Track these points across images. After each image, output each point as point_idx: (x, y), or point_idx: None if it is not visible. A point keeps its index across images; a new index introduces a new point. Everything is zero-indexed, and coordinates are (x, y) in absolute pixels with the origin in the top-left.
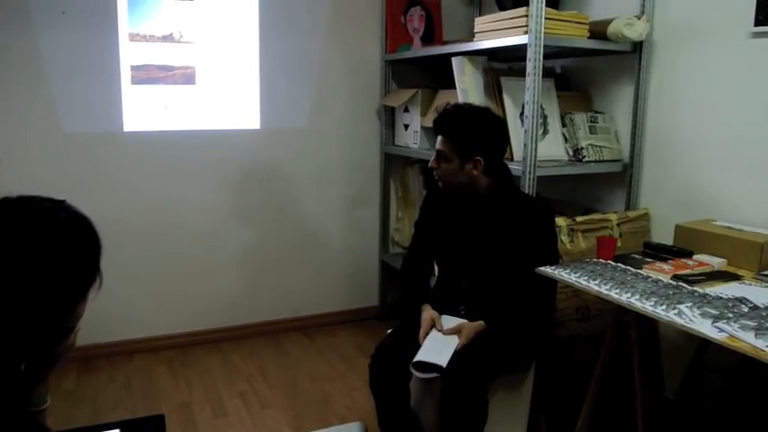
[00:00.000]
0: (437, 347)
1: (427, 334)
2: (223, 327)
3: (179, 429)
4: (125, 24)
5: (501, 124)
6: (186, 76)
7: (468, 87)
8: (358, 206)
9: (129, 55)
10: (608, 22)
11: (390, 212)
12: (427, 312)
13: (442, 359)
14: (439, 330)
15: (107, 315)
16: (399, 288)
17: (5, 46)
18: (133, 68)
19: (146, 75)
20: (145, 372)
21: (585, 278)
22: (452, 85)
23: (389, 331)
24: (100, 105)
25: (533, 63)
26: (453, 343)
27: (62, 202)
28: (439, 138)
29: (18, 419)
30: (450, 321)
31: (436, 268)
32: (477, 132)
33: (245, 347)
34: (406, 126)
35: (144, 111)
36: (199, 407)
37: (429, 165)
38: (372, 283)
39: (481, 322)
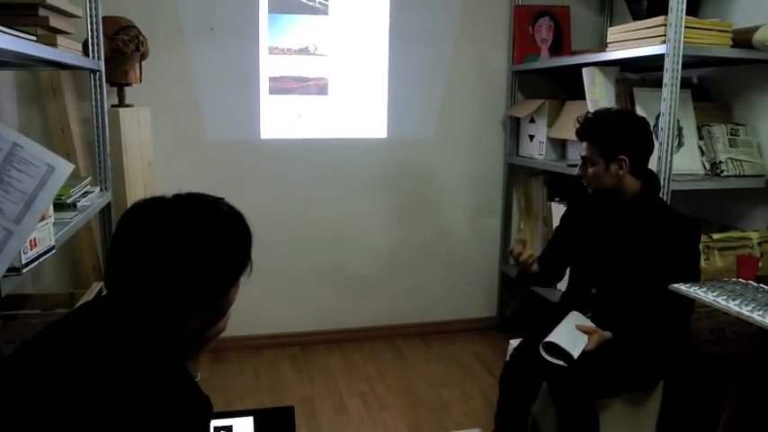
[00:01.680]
0: (571, 336)
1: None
2: (345, 328)
3: (302, 422)
4: (266, 38)
5: (642, 123)
6: (319, 87)
7: (598, 98)
8: (481, 216)
9: (268, 67)
10: (753, 29)
11: (512, 223)
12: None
13: (575, 350)
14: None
15: (237, 311)
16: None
17: (160, 58)
18: (271, 80)
19: (282, 85)
20: (271, 366)
21: (724, 298)
22: (580, 96)
23: (517, 342)
24: (241, 114)
25: (671, 73)
26: (585, 341)
27: (221, 199)
28: (583, 144)
29: (183, 381)
30: (580, 320)
31: (567, 276)
32: (618, 131)
33: (365, 349)
34: (532, 137)
35: (279, 119)
36: (321, 402)
37: (577, 173)
38: (492, 293)
39: (609, 333)
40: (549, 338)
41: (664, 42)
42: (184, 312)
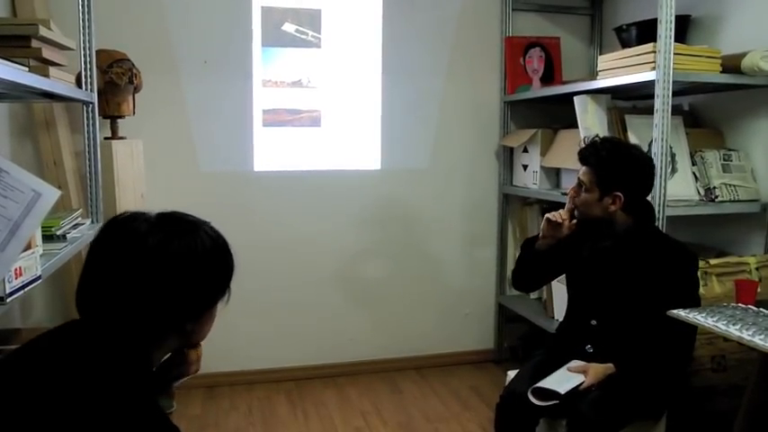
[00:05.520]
0: (560, 379)
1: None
2: (340, 362)
3: None
4: (259, 71)
5: (648, 163)
6: (312, 119)
7: (590, 126)
8: (476, 247)
9: (262, 99)
10: (742, 55)
11: (508, 253)
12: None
13: (562, 388)
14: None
15: (230, 346)
16: (516, 263)
17: (153, 90)
18: (264, 112)
19: (275, 118)
20: (265, 401)
21: (724, 323)
22: (573, 125)
23: (515, 373)
24: (234, 147)
25: (661, 99)
26: (578, 379)
27: (206, 223)
28: (582, 168)
29: (151, 409)
30: (573, 365)
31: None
32: (623, 167)
33: (360, 383)
34: (525, 166)
35: (272, 152)
36: None
37: (568, 193)
38: (488, 325)
39: (610, 365)
40: (537, 385)
41: (654, 69)
42: (154, 334)
